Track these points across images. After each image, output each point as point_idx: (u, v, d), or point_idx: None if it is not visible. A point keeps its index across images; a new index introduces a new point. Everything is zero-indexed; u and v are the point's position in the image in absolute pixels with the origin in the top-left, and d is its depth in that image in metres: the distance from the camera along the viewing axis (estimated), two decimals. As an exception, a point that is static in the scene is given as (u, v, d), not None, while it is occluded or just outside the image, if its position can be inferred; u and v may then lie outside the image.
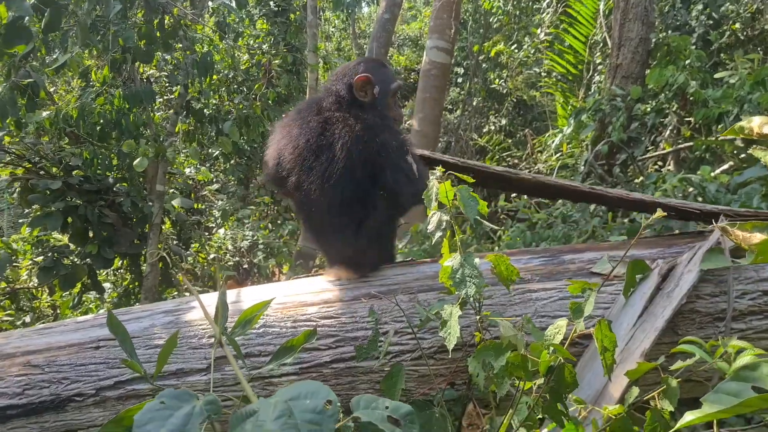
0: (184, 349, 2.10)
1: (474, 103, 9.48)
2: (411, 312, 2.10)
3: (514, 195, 7.01)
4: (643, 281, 2.01)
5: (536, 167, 8.35)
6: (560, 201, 5.94)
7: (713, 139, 4.61)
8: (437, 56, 7.48)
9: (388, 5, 7.53)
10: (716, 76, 5.06)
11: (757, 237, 1.15)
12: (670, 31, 5.59)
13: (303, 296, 2.27)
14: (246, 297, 2.34)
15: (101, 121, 4.68)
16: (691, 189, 4.05)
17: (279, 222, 10.45)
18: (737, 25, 5.96)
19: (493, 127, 9.90)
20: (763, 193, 3.42)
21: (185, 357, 2.09)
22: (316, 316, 2.16)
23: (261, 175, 11.09)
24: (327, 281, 2.37)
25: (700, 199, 3.72)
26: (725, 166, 4.61)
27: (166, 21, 5.18)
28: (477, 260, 1.65)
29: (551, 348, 1.25)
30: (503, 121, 9.85)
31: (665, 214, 1.36)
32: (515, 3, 7.54)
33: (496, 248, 5.54)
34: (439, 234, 1.61)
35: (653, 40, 5.09)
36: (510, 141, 9.93)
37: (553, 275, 2.19)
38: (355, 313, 2.16)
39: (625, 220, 4.64)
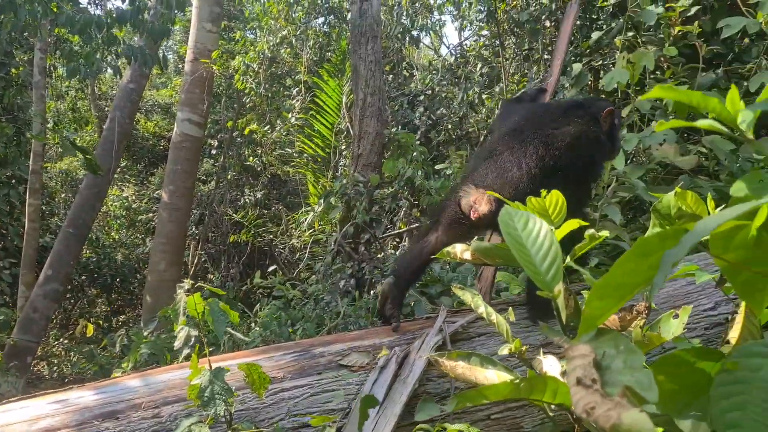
0: None
1: (228, 177, 9.44)
2: (154, 429, 1.92)
3: (268, 272, 7.05)
4: (384, 370, 2.21)
5: (291, 242, 8.61)
6: (313, 277, 6.21)
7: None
8: (189, 129, 7.30)
9: (134, 75, 7.14)
10: (437, 167, 6.03)
11: (460, 368, 1.34)
12: (400, 127, 6.50)
13: (13, 427, 1.89)
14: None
15: None
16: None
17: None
18: (450, 126, 7.25)
19: (248, 200, 9.95)
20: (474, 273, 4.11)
21: None
22: (33, 452, 1.81)
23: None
24: (49, 403, 2.02)
25: (427, 277, 4.30)
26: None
27: None
28: (228, 373, 1.61)
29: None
30: (258, 195, 9.98)
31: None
32: (267, 86, 7.89)
33: (253, 325, 5.47)
34: (186, 351, 1.53)
35: (387, 134, 5.85)
36: (266, 214, 10.07)
37: (305, 371, 2.25)
38: (86, 440, 1.87)
39: (371, 293, 5.06)
